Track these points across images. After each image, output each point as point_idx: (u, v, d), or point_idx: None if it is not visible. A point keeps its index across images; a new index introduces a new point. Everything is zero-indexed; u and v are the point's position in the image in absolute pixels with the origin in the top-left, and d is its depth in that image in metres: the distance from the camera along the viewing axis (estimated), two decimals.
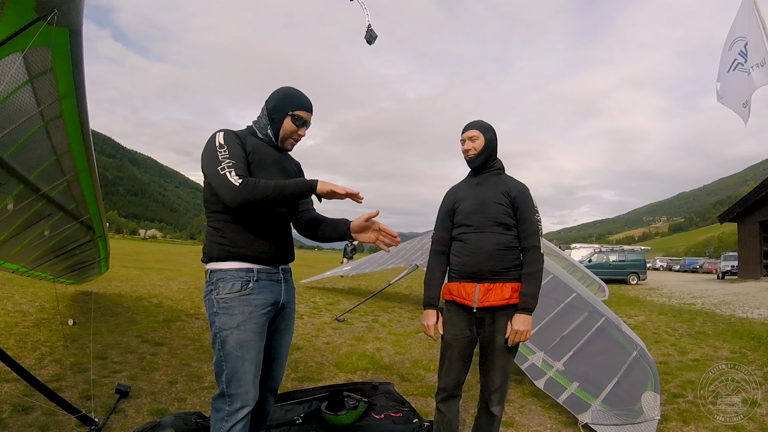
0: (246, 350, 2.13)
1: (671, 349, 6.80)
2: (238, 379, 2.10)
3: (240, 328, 2.12)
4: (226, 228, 2.18)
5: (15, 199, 2.56)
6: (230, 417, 2.09)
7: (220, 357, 2.12)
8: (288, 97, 2.32)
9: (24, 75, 1.71)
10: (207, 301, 2.19)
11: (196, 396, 3.92)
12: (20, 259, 4.30)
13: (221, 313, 2.12)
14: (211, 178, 2.08)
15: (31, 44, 1.51)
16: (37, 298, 8.30)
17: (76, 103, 1.99)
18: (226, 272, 2.16)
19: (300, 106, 2.32)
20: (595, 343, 4.30)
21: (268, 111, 2.32)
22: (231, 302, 2.13)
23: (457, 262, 2.73)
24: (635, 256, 26.86)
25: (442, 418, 2.77)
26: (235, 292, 2.14)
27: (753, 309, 12.02)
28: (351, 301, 11.01)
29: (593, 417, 3.47)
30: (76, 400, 3.45)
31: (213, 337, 2.15)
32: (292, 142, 2.39)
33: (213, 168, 2.07)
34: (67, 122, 2.15)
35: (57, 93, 1.90)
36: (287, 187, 2.10)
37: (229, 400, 2.10)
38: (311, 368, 5.08)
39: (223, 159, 2.07)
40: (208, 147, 2.15)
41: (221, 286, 2.14)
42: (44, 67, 1.73)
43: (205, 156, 2.15)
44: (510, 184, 2.71)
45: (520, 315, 2.55)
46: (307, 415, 3.42)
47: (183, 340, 5.87)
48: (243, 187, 2.01)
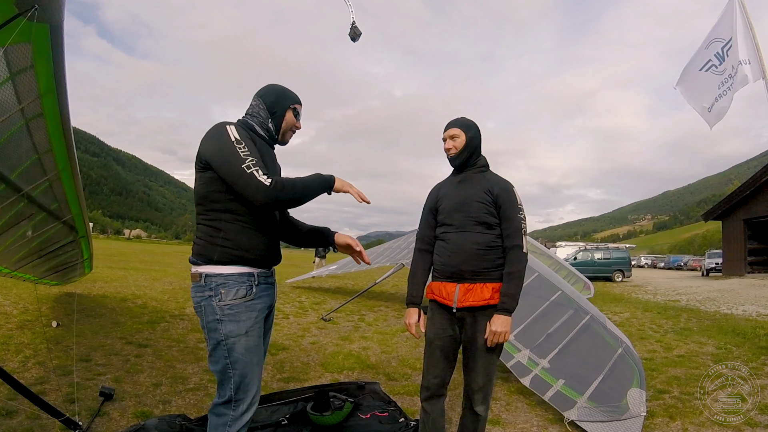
0: (253, 355, 2.12)
1: (657, 345, 6.87)
2: (247, 384, 2.08)
3: (248, 334, 2.10)
4: (228, 229, 2.11)
5: None
6: (235, 421, 2.06)
7: (227, 365, 2.06)
8: (285, 92, 2.35)
9: (4, 72, 1.69)
10: (205, 308, 2.09)
11: (181, 398, 3.88)
12: (3, 261, 4.23)
13: (227, 321, 2.06)
14: (236, 177, 1.99)
15: (11, 40, 1.49)
16: (20, 299, 8.19)
17: (57, 101, 1.96)
18: (227, 277, 2.09)
19: (297, 100, 2.37)
20: (581, 341, 4.34)
21: (268, 105, 2.31)
22: (237, 308, 2.08)
23: (438, 262, 2.72)
24: (620, 254, 27.18)
25: (426, 417, 2.76)
26: (241, 298, 2.09)
27: (738, 305, 12.19)
28: (337, 300, 11.00)
29: (579, 414, 3.49)
30: (60, 403, 3.43)
31: (215, 345, 2.07)
32: (291, 135, 2.41)
33: (236, 166, 1.99)
34: (48, 121, 2.12)
35: (38, 90, 1.87)
36: (311, 184, 2.11)
37: (236, 405, 2.06)
38: (297, 368, 5.07)
39: (245, 156, 2.00)
40: (223, 141, 2.06)
41: (224, 292, 2.07)
42: (25, 63, 1.71)
43: (220, 151, 2.05)
44: (493, 182, 2.68)
45: (498, 316, 2.52)
46: (292, 416, 3.41)
47: (168, 341, 5.82)
48: (274, 188, 1.97)
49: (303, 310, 9.49)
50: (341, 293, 13.28)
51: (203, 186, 2.12)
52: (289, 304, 10.15)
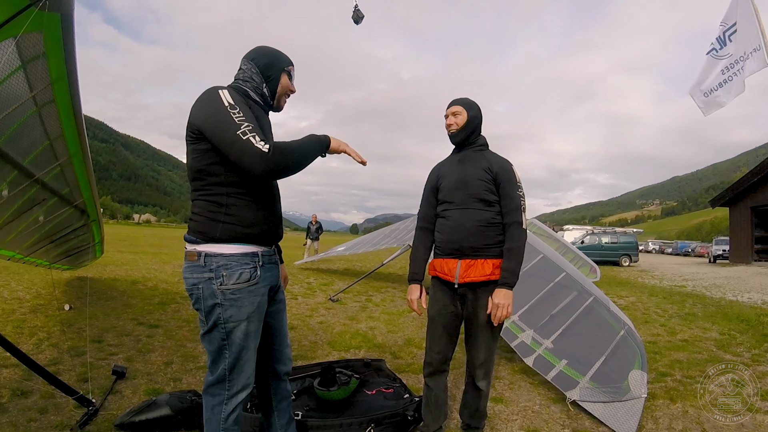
0: (251, 340, 2.05)
1: (660, 329, 6.89)
2: (241, 366, 2.03)
3: (249, 319, 2.01)
4: (231, 203, 1.97)
5: (9, 185, 2.57)
6: (230, 400, 2.02)
7: (222, 346, 1.99)
8: (278, 54, 2.21)
9: (17, 61, 1.72)
10: (203, 290, 1.96)
11: (192, 375, 3.97)
12: (15, 246, 4.30)
13: (228, 306, 1.96)
14: (230, 145, 1.83)
15: (24, 30, 1.52)
16: (33, 284, 8.30)
17: (69, 88, 1.98)
18: (230, 258, 1.97)
19: (290, 62, 2.24)
20: (584, 322, 4.37)
21: (261, 69, 2.16)
22: (239, 293, 1.98)
23: (440, 239, 2.77)
24: (627, 239, 27.08)
25: (429, 392, 2.83)
26: (244, 282, 1.98)
27: (743, 293, 12.16)
28: (344, 281, 11.09)
29: (581, 394, 3.54)
30: (73, 382, 3.47)
31: (212, 326, 1.98)
32: (285, 100, 2.29)
33: (230, 132, 1.83)
34: (60, 107, 2.14)
35: (49, 78, 1.90)
36: (309, 147, 1.99)
37: (230, 384, 2.01)
38: (305, 347, 5.16)
39: (240, 122, 1.84)
40: (215, 106, 1.89)
41: (226, 275, 1.95)
42: (36, 52, 1.74)
43: (212, 117, 1.89)
44: (492, 160, 2.72)
45: (500, 290, 2.56)
46: (299, 392, 3.47)
47: (178, 321, 5.92)
48: (273, 154, 1.82)
49: (311, 291, 9.59)
50: (349, 274, 13.37)
51: (198, 159, 1.96)
52: (298, 285, 10.26)
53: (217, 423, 2.02)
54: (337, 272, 13.89)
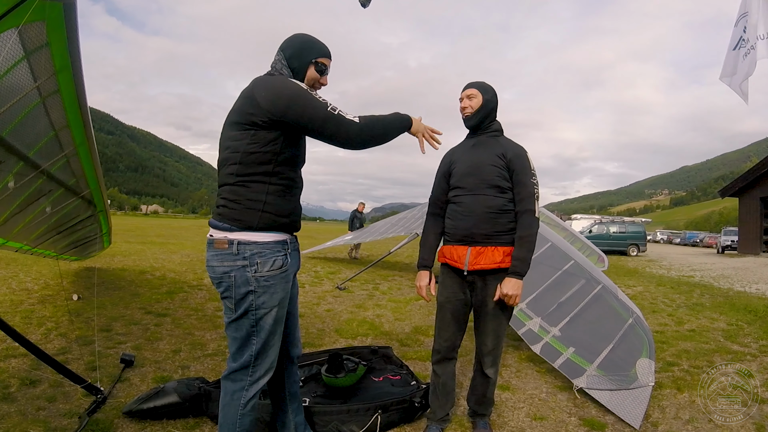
0: (279, 325, 2.09)
1: (668, 319, 6.87)
2: (267, 351, 2.05)
3: (281, 305, 2.06)
4: (272, 192, 1.99)
5: (15, 176, 2.56)
6: (252, 386, 2.04)
7: (251, 332, 2.00)
8: (308, 44, 2.14)
9: (20, 51, 1.71)
10: (236, 278, 1.96)
11: (200, 363, 3.99)
12: (23, 238, 4.32)
13: (261, 293, 1.98)
14: (323, 120, 1.90)
15: (26, 20, 1.51)
16: (41, 275, 8.36)
17: (73, 77, 1.97)
18: (264, 246, 1.99)
19: (321, 53, 2.16)
20: (592, 310, 4.35)
21: (288, 60, 2.12)
22: (273, 280, 2.01)
23: (450, 225, 2.74)
24: (635, 228, 26.96)
25: (437, 379, 2.83)
26: (277, 269, 2.02)
27: (751, 284, 12.08)
28: (352, 269, 11.13)
29: (588, 382, 3.53)
30: (82, 371, 3.49)
31: (243, 313, 1.99)
32: None
33: (322, 110, 1.90)
34: (64, 97, 2.13)
35: (53, 68, 1.89)
36: (393, 123, 2.08)
37: (253, 370, 2.03)
38: (312, 334, 5.18)
39: (325, 101, 1.92)
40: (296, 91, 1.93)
41: (260, 263, 1.97)
42: (40, 42, 1.73)
43: (298, 100, 1.91)
44: (506, 146, 2.68)
45: (510, 279, 2.54)
46: (307, 378, 3.48)
47: (186, 310, 5.95)
48: (365, 125, 1.94)
49: (318, 279, 9.63)
50: (356, 263, 13.43)
51: (255, 145, 1.94)
52: (305, 273, 10.29)
53: (235, 408, 2.03)
54: (344, 261, 13.93)
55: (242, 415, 2.03)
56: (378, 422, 2.84)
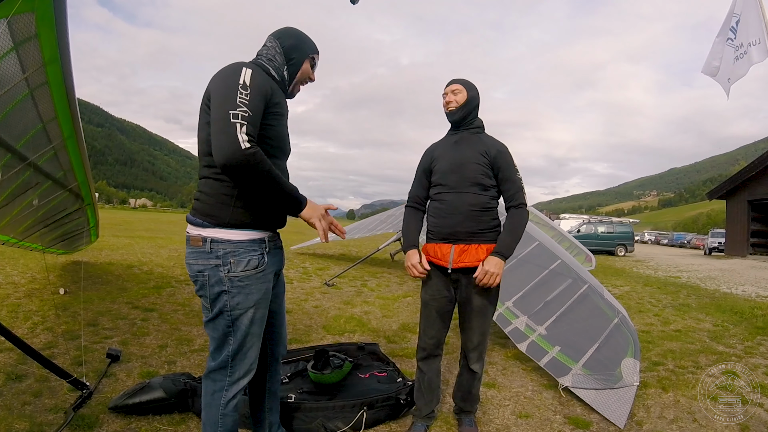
0: (257, 326, 2.02)
1: (654, 319, 6.93)
2: (245, 353, 2.00)
3: (257, 306, 1.98)
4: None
5: (2, 168, 2.55)
6: (232, 386, 2.00)
7: (227, 333, 1.95)
8: (305, 38, 2.13)
9: (9, 42, 1.70)
10: (209, 277, 1.91)
11: (186, 359, 3.97)
12: (10, 230, 4.29)
13: (235, 293, 1.91)
14: (215, 120, 1.76)
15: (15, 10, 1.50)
16: (28, 269, 8.27)
17: (62, 70, 1.96)
18: (238, 245, 1.91)
19: (316, 50, 2.17)
20: (578, 309, 4.38)
21: (285, 49, 2.08)
22: (247, 281, 1.93)
23: (433, 223, 2.74)
24: (623, 228, 27.25)
25: (422, 376, 2.85)
26: (252, 269, 1.93)
27: (738, 285, 12.21)
28: (340, 266, 11.11)
29: (573, 381, 3.55)
30: (68, 366, 3.45)
31: (218, 313, 1.93)
32: (300, 87, 2.20)
33: (223, 109, 1.74)
34: (53, 89, 2.12)
35: (42, 59, 1.88)
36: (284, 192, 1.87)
37: (231, 371, 1.98)
38: (299, 331, 5.17)
39: (240, 103, 1.75)
40: (229, 81, 1.81)
41: (234, 262, 1.89)
42: (28, 33, 1.71)
43: (221, 89, 1.81)
44: (489, 144, 2.70)
45: (493, 257, 2.54)
46: (293, 375, 3.48)
47: (173, 305, 5.91)
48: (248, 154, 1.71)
49: (307, 276, 9.60)
50: (344, 259, 13.40)
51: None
52: (294, 269, 10.26)
53: (216, 408, 2.00)
54: (332, 257, 13.90)
55: (224, 415, 2.00)
56: (364, 419, 2.84)
